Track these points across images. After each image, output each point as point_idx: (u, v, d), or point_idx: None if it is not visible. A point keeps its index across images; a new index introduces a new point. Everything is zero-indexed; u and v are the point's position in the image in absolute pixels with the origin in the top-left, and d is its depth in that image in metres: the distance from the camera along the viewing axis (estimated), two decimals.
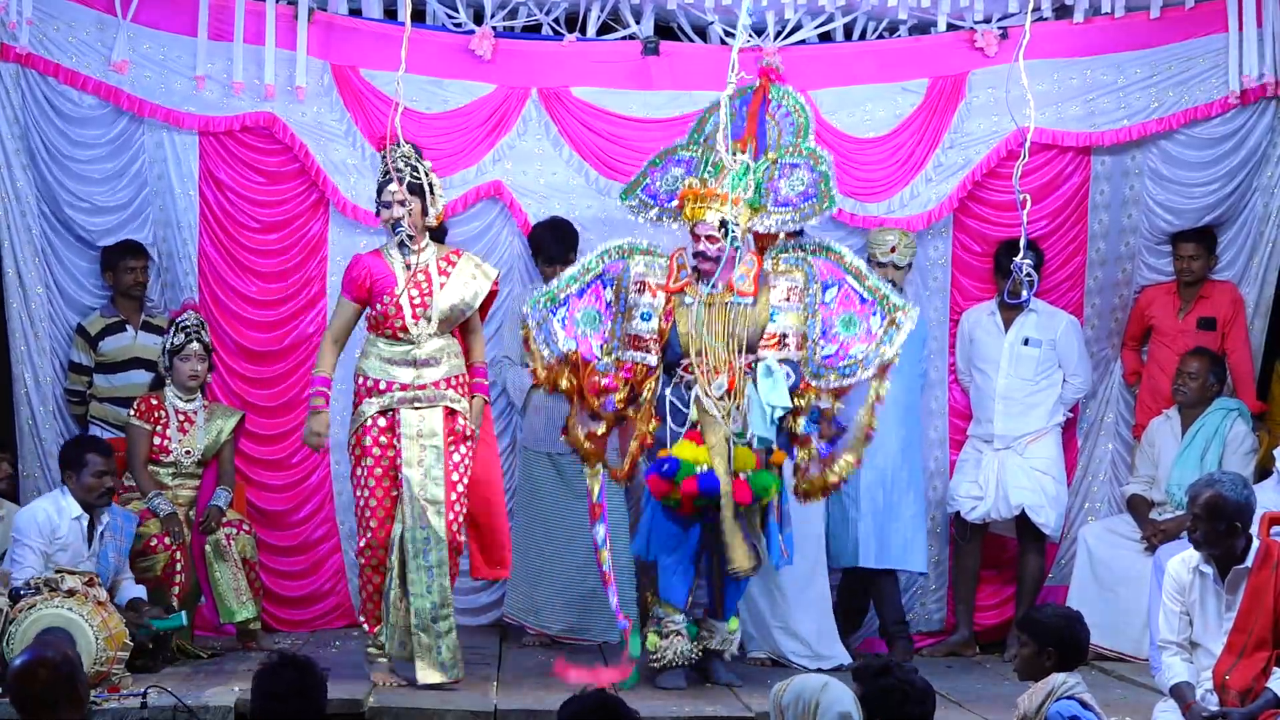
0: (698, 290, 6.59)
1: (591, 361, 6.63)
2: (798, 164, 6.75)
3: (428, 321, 6.37)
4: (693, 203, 6.59)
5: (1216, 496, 5.45)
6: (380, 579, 6.34)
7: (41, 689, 4.02)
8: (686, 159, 6.86)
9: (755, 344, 6.58)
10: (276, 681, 4.13)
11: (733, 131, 6.73)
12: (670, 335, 6.61)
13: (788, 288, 6.64)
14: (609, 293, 6.72)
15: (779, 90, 6.87)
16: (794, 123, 6.81)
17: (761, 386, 6.45)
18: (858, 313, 6.63)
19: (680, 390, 6.60)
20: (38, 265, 7.76)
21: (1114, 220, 8.11)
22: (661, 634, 6.57)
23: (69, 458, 6.74)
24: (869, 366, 6.54)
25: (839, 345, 6.59)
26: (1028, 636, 5.26)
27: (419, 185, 6.41)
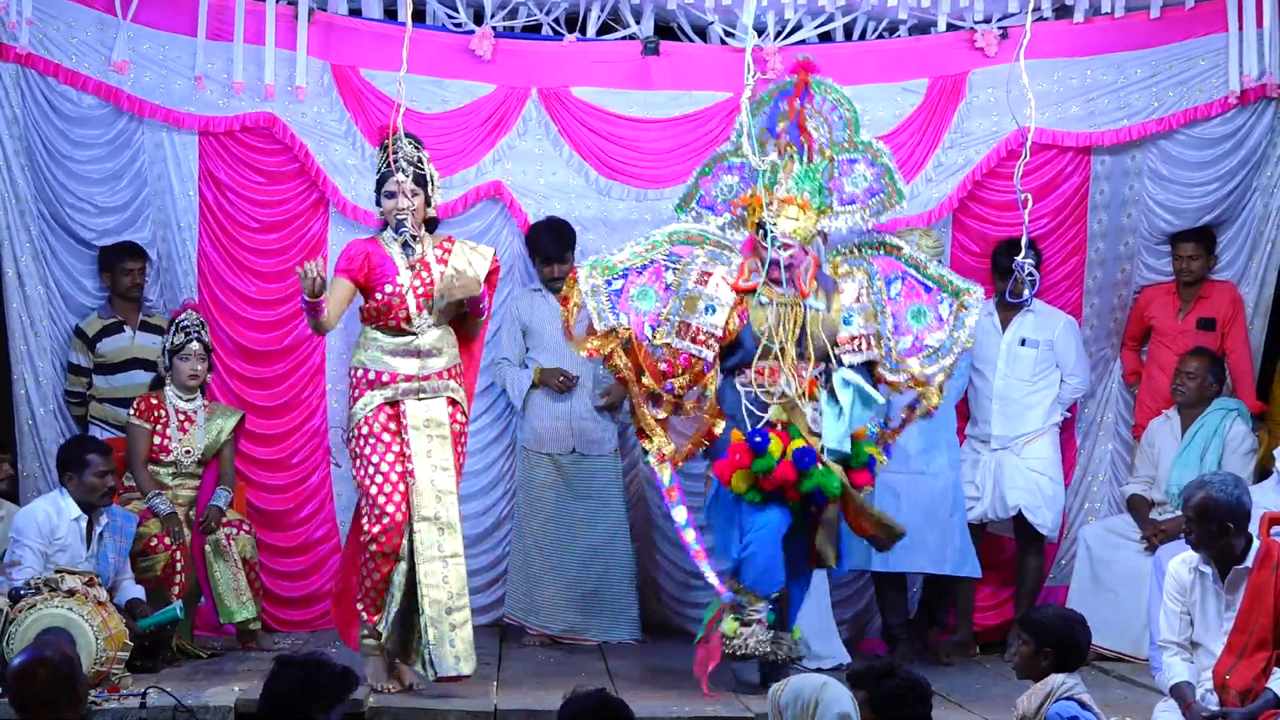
0: (773, 291, 6.46)
1: (644, 342, 6.51)
2: (855, 159, 6.63)
3: (430, 312, 6.33)
4: (760, 211, 6.49)
5: (1206, 499, 5.46)
6: (389, 568, 6.22)
7: (41, 688, 4.02)
8: (738, 165, 6.71)
9: (831, 348, 6.49)
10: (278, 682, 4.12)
11: (771, 127, 6.66)
12: (743, 334, 6.49)
13: (855, 289, 6.60)
14: (670, 275, 6.58)
15: (819, 84, 6.70)
16: (842, 116, 6.67)
17: (843, 398, 6.32)
18: (925, 302, 6.62)
19: (750, 392, 6.46)
20: (37, 266, 7.77)
21: (1113, 220, 8.11)
22: (744, 621, 6.43)
23: (68, 458, 6.74)
24: (947, 353, 6.57)
25: (914, 337, 6.59)
26: (1027, 636, 5.27)
27: (423, 177, 6.39)
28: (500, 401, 8.06)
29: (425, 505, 6.24)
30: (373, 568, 6.24)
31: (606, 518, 7.81)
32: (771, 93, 6.75)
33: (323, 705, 4.05)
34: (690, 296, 6.52)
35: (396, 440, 6.26)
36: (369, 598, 6.28)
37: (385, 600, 6.26)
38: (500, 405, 8.09)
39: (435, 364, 6.35)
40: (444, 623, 6.22)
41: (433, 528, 6.24)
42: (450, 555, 6.26)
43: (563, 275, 7.77)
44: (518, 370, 7.82)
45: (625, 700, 4.25)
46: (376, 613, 6.28)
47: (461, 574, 6.28)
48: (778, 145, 6.62)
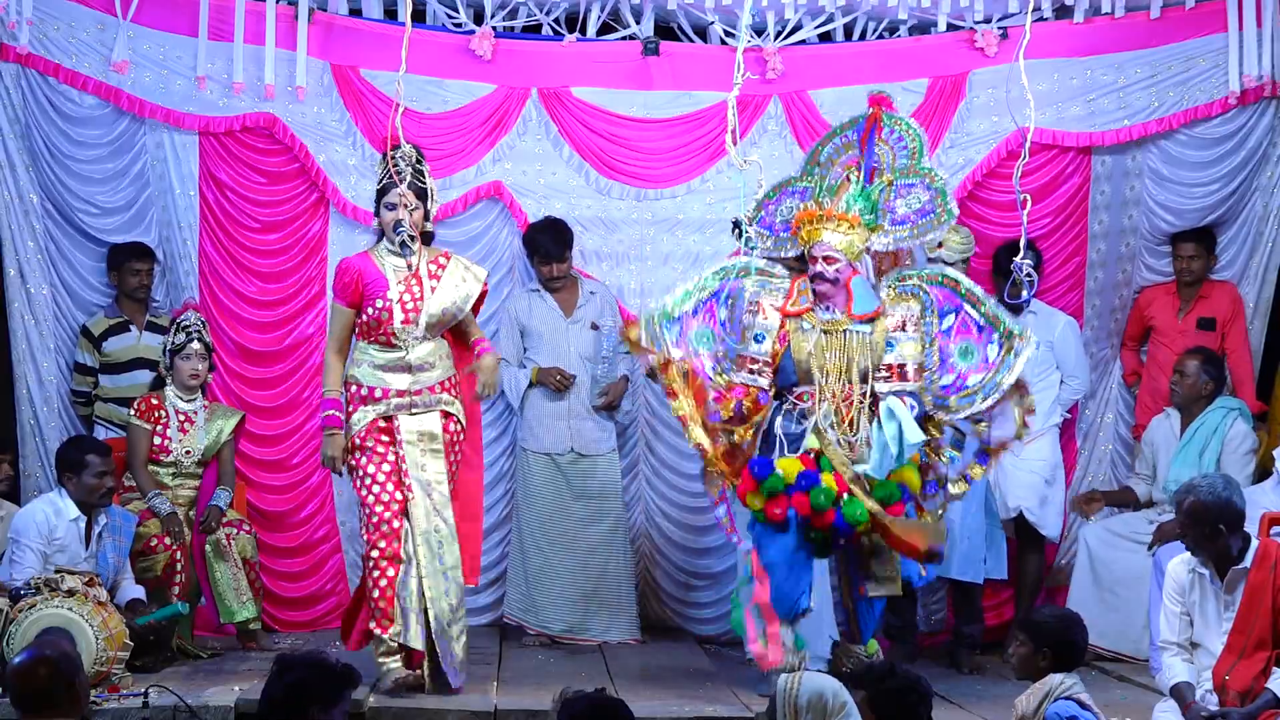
0: (816, 317, 6.41)
1: (703, 379, 6.45)
2: (913, 184, 6.57)
3: (415, 325, 6.31)
4: (809, 225, 6.43)
5: (1195, 502, 5.48)
6: (396, 570, 6.19)
7: (41, 687, 4.02)
8: (802, 189, 6.64)
9: (872, 373, 6.42)
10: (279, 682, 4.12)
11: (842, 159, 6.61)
12: (784, 359, 6.44)
13: (904, 316, 6.48)
14: (723, 312, 6.53)
15: (891, 118, 6.68)
16: (907, 147, 6.63)
17: (888, 429, 6.21)
18: (975, 341, 6.47)
19: (790, 419, 6.42)
20: (42, 264, 7.77)
21: (1114, 221, 8.11)
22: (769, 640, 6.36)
23: (68, 459, 6.74)
24: (988, 396, 6.40)
25: (957, 375, 6.45)
26: (1025, 636, 5.27)
27: (423, 189, 6.38)
28: (500, 402, 8.06)
29: (423, 519, 6.24)
30: (379, 575, 6.22)
31: (605, 517, 7.81)
32: (845, 124, 6.69)
33: (323, 705, 4.05)
34: (744, 329, 6.49)
35: (391, 451, 6.26)
36: (379, 608, 6.21)
37: (395, 609, 6.20)
38: (500, 405, 8.08)
39: (427, 378, 6.34)
40: (446, 635, 6.23)
41: (432, 540, 6.25)
42: (450, 568, 6.27)
43: (561, 275, 7.81)
44: (515, 370, 7.82)
45: (625, 700, 4.25)
46: (390, 622, 6.20)
47: (460, 586, 6.30)
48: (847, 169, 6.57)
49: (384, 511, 6.21)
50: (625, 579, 7.87)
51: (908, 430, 6.22)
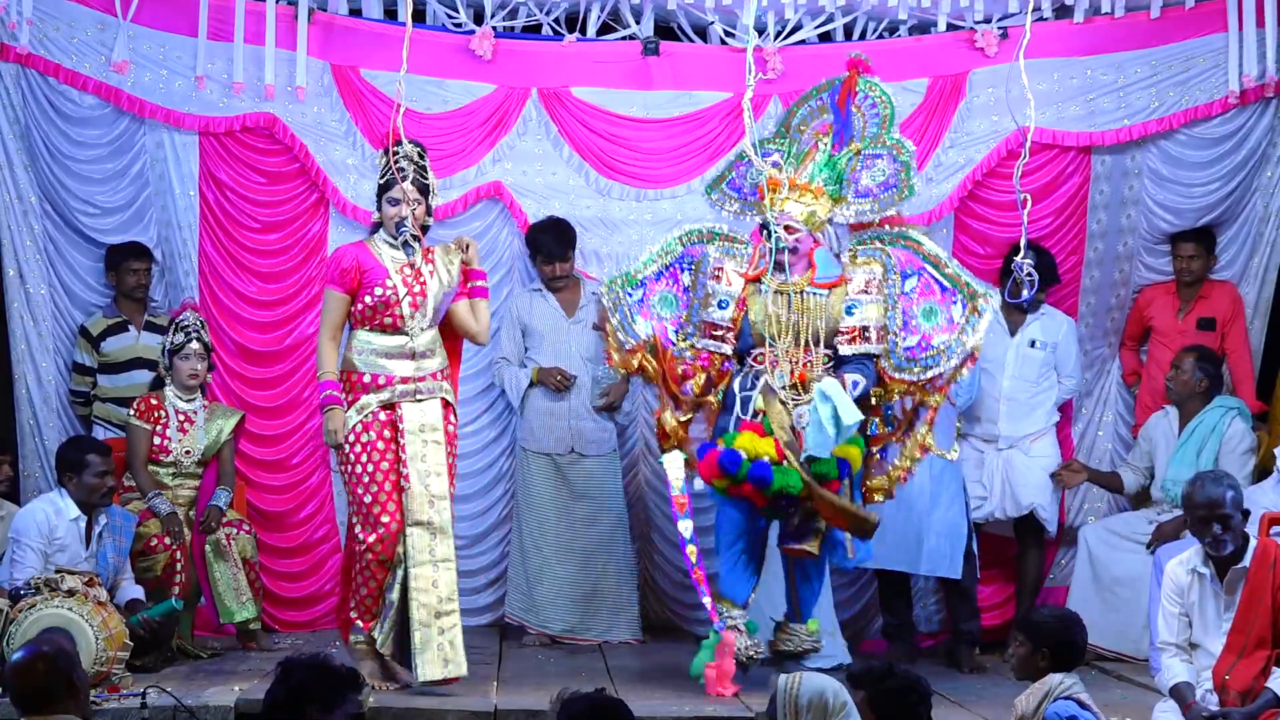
0: (773, 278, 6.49)
1: (669, 348, 6.54)
2: (880, 154, 6.65)
3: (424, 314, 6.33)
4: (772, 193, 6.51)
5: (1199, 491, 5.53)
6: (385, 575, 6.25)
7: (39, 685, 4.01)
8: (774, 152, 6.73)
9: (830, 337, 6.49)
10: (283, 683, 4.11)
11: (814, 124, 6.71)
12: (742, 324, 6.53)
13: (865, 279, 6.53)
14: (686, 277, 6.64)
15: (866, 82, 6.75)
16: (879, 114, 6.71)
17: (822, 411, 6.25)
18: (938, 302, 6.54)
19: (748, 380, 6.49)
20: (40, 264, 7.77)
21: (1112, 220, 8.11)
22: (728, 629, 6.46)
23: (68, 459, 6.74)
24: (952, 356, 6.46)
25: (921, 336, 6.51)
26: (1024, 636, 5.27)
27: (425, 185, 6.39)
28: (500, 401, 8.07)
29: (419, 510, 6.25)
30: (368, 576, 6.26)
31: (605, 517, 7.81)
32: (821, 87, 6.78)
33: (323, 706, 4.05)
34: (706, 294, 6.56)
35: (391, 446, 6.26)
36: (364, 605, 6.29)
37: (380, 608, 6.28)
38: (500, 405, 8.09)
39: (429, 365, 6.35)
40: (433, 627, 6.23)
41: (425, 532, 6.25)
42: (441, 560, 6.28)
43: (564, 275, 7.81)
44: (516, 369, 7.82)
45: (625, 700, 4.24)
46: (372, 620, 6.29)
47: (452, 578, 6.31)
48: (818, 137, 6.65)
49: (380, 513, 6.23)
50: (625, 579, 7.87)
51: (843, 412, 6.25)
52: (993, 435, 7.76)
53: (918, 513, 7.41)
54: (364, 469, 6.25)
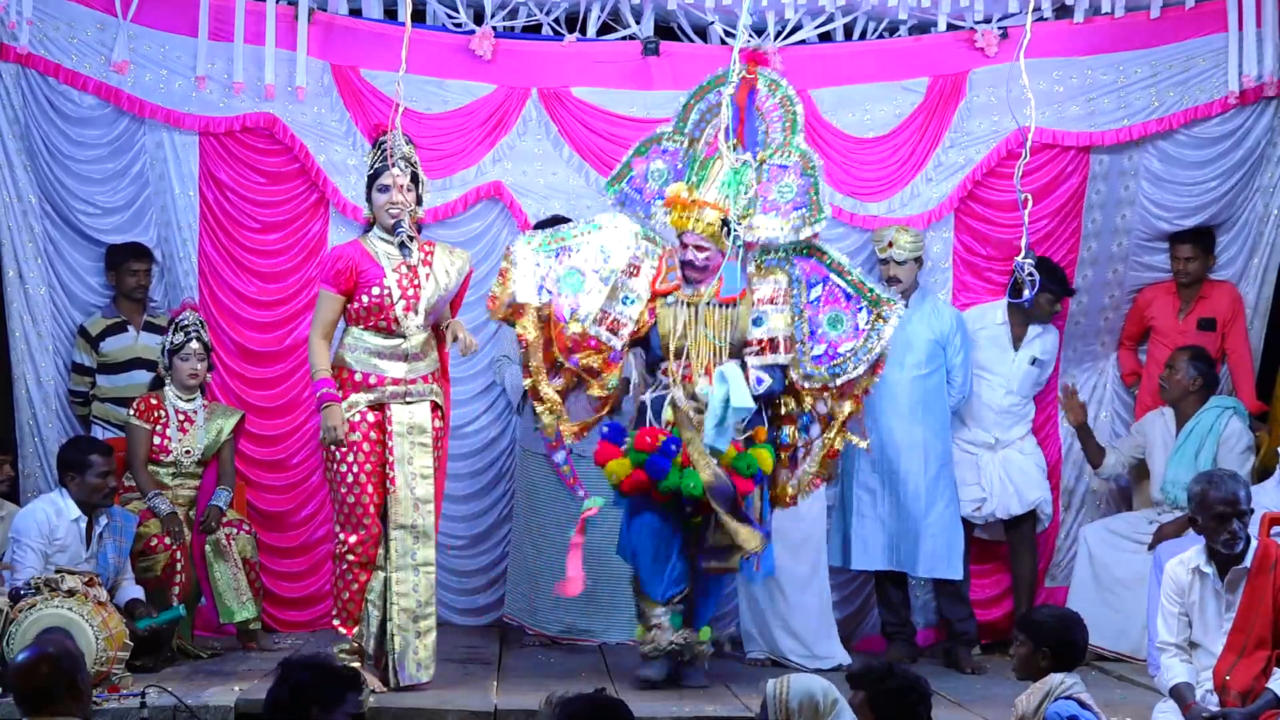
0: (683, 293, 6.54)
1: (561, 323, 6.55)
2: (787, 166, 6.65)
3: (416, 314, 6.31)
4: (680, 211, 6.52)
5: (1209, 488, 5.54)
6: (367, 577, 6.26)
7: (42, 686, 4.01)
8: (672, 150, 6.75)
9: (739, 349, 6.53)
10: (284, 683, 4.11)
11: (714, 122, 6.67)
12: (650, 334, 6.57)
13: (771, 290, 6.59)
14: (599, 262, 6.64)
15: (767, 78, 6.75)
16: (783, 116, 6.70)
17: (716, 392, 6.32)
18: (843, 310, 6.60)
19: (660, 399, 6.52)
20: (40, 265, 7.76)
21: (1107, 220, 8.10)
22: (646, 626, 6.53)
23: (70, 459, 6.73)
24: (859, 363, 6.52)
25: (827, 344, 6.56)
26: (1025, 636, 5.27)
27: (416, 176, 6.38)
28: (500, 401, 8.07)
29: (403, 513, 6.25)
30: (350, 578, 6.26)
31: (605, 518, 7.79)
32: (716, 79, 6.73)
33: (324, 706, 4.05)
34: (614, 286, 6.57)
35: (377, 447, 6.25)
36: (346, 610, 6.28)
37: (362, 612, 6.27)
38: (500, 405, 8.09)
39: (421, 367, 6.35)
40: (410, 630, 6.25)
41: (408, 535, 6.26)
42: (422, 564, 6.29)
43: None
44: (516, 368, 7.79)
45: (625, 700, 4.25)
46: (355, 625, 6.29)
47: (431, 582, 6.33)
48: (719, 143, 6.58)
49: (365, 516, 6.23)
50: (625, 579, 7.85)
51: (734, 395, 6.29)
52: (986, 442, 7.76)
53: (914, 515, 7.42)
54: (348, 469, 6.24)
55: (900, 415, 7.47)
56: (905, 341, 7.48)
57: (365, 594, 6.27)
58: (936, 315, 7.57)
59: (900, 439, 7.45)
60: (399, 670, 6.24)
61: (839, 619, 7.66)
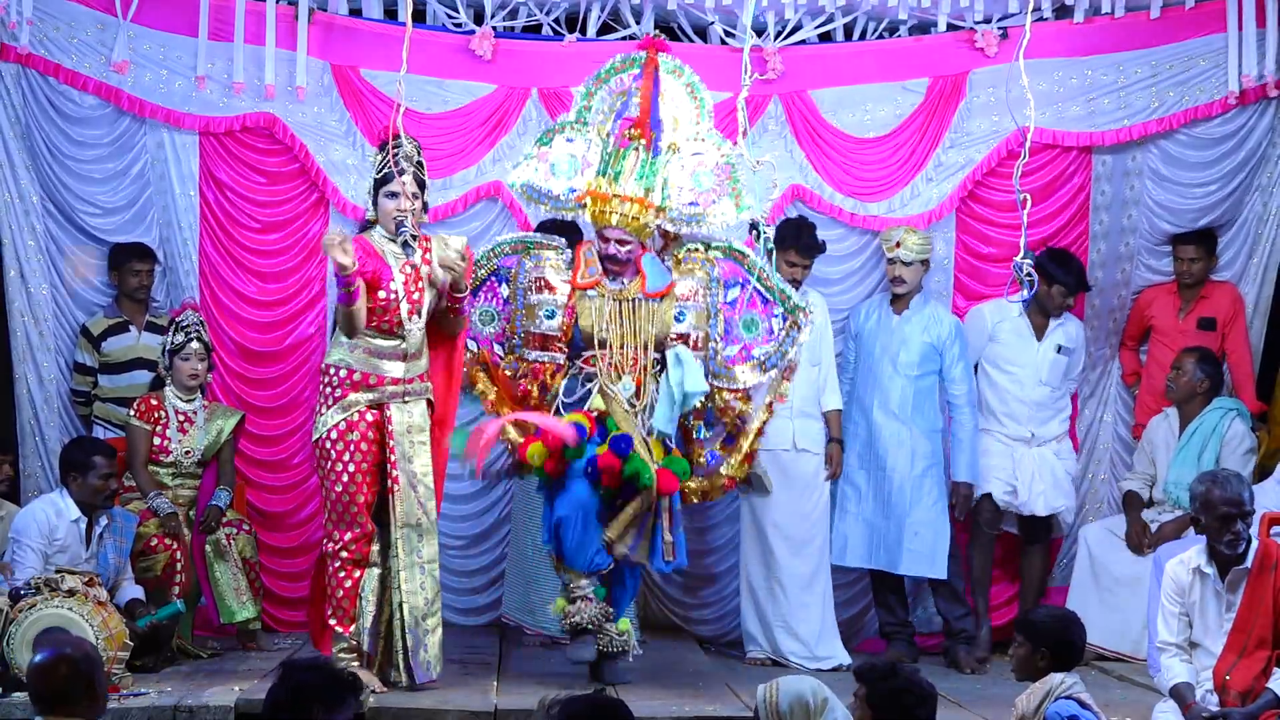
0: (606, 287, 6.54)
1: (499, 365, 6.61)
2: (700, 153, 6.62)
3: (420, 317, 6.32)
4: (598, 205, 6.52)
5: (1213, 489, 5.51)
6: (360, 574, 6.25)
7: (60, 687, 4.02)
8: (577, 139, 6.67)
9: (662, 343, 6.56)
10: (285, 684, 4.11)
11: (622, 108, 6.66)
12: (573, 329, 6.57)
13: (690, 287, 6.62)
14: (505, 288, 6.68)
15: (670, 62, 6.70)
16: (692, 101, 6.66)
17: (673, 375, 6.39)
18: (760, 314, 6.67)
19: (574, 381, 6.54)
20: (42, 264, 7.76)
21: (1114, 221, 8.11)
22: (570, 599, 6.47)
23: (73, 460, 6.72)
24: (771, 367, 6.61)
25: (741, 346, 6.64)
26: (1023, 637, 5.27)
27: (422, 181, 6.38)
28: None
29: (407, 512, 6.24)
30: (343, 576, 6.25)
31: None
32: (618, 65, 6.70)
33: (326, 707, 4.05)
34: (529, 306, 6.61)
35: (375, 447, 6.25)
36: (340, 608, 6.25)
37: (357, 610, 6.26)
38: None
39: (417, 367, 6.35)
40: (420, 628, 6.24)
41: (413, 534, 6.26)
42: (428, 561, 6.29)
43: None
44: None
45: (625, 700, 4.25)
46: (351, 623, 6.26)
47: (437, 580, 6.32)
48: (630, 133, 6.57)
49: (359, 514, 6.23)
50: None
51: (689, 378, 6.37)
52: (1023, 436, 7.73)
53: (898, 513, 7.43)
54: (344, 467, 6.22)
55: (889, 413, 7.49)
56: (901, 341, 7.50)
57: (359, 591, 6.26)
58: (935, 321, 7.57)
59: (888, 437, 7.47)
60: (415, 670, 6.23)
61: (841, 620, 7.66)
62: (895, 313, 7.62)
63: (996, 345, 7.77)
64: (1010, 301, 7.17)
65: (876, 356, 7.58)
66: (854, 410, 7.58)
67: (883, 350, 7.56)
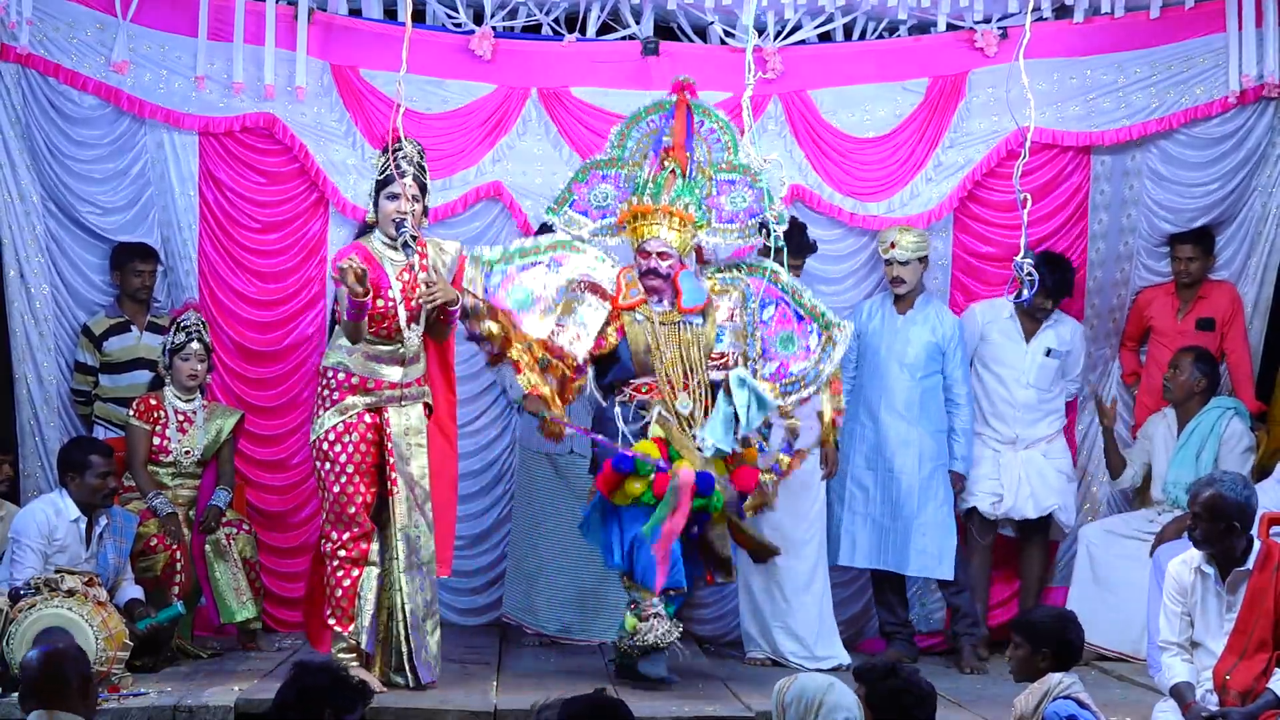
0: (651, 309, 6.62)
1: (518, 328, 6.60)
2: (734, 179, 6.82)
3: (418, 324, 6.31)
4: (640, 220, 6.62)
5: (1217, 496, 5.47)
6: (359, 573, 6.25)
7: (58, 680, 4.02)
8: (613, 175, 6.84)
9: (704, 364, 6.63)
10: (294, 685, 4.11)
11: (655, 145, 6.82)
12: (620, 350, 6.62)
13: (729, 307, 6.75)
14: (551, 276, 6.70)
15: (699, 108, 6.90)
16: (721, 139, 6.87)
17: (738, 396, 6.48)
18: (795, 331, 6.77)
19: (629, 409, 6.59)
20: (42, 264, 7.76)
21: (1113, 220, 8.11)
22: (640, 616, 6.49)
23: (71, 460, 6.73)
24: (810, 384, 6.70)
25: (779, 363, 6.73)
26: (1022, 638, 5.27)
27: (424, 184, 6.39)
28: (500, 401, 8.07)
29: (405, 515, 6.25)
30: (341, 575, 6.25)
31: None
32: (650, 109, 6.90)
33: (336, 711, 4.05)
34: (568, 301, 6.64)
35: (373, 448, 6.26)
36: (340, 608, 6.25)
37: (356, 609, 6.25)
38: (500, 405, 8.09)
39: (415, 371, 6.36)
40: (422, 630, 6.25)
41: (412, 536, 6.27)
42: (426, 562, 6.30)
43: None
44: None
45: (625, 700, 4.25)
46: (350, 622, 6.25)
47: (434, 581, 6.32)
48: (666, 158, 6.73)
49: (358, 514, 6.23)
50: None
51: (757, 397, 6.48)
52: (1009, 438, 7.75)
53: (906, 513, 7.43)
54: (341, 468, 6.23)
55: (896, 414, 7.49)
56: (905, 342, 7.51)
57: (357, 590, 6.26)
58: (939, 320, 7.58)
59: (895, 437, 7.47)
60: (419, 670, 6.24)
61: (842, 620, 7.66)
62: (899, 313, 7.63)
63: (985, 345, 7.80)
64: (1011, 301, 7.18)
65: (882, 357, 7.58)
66: (860, 411, 7.58)
67: (888, 350, 7.56)
